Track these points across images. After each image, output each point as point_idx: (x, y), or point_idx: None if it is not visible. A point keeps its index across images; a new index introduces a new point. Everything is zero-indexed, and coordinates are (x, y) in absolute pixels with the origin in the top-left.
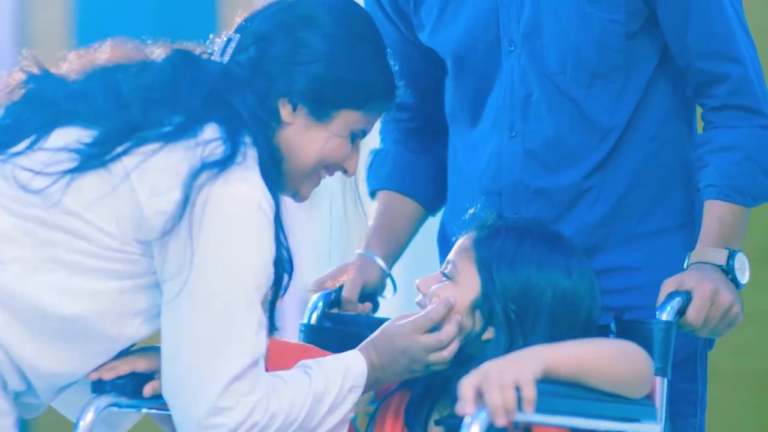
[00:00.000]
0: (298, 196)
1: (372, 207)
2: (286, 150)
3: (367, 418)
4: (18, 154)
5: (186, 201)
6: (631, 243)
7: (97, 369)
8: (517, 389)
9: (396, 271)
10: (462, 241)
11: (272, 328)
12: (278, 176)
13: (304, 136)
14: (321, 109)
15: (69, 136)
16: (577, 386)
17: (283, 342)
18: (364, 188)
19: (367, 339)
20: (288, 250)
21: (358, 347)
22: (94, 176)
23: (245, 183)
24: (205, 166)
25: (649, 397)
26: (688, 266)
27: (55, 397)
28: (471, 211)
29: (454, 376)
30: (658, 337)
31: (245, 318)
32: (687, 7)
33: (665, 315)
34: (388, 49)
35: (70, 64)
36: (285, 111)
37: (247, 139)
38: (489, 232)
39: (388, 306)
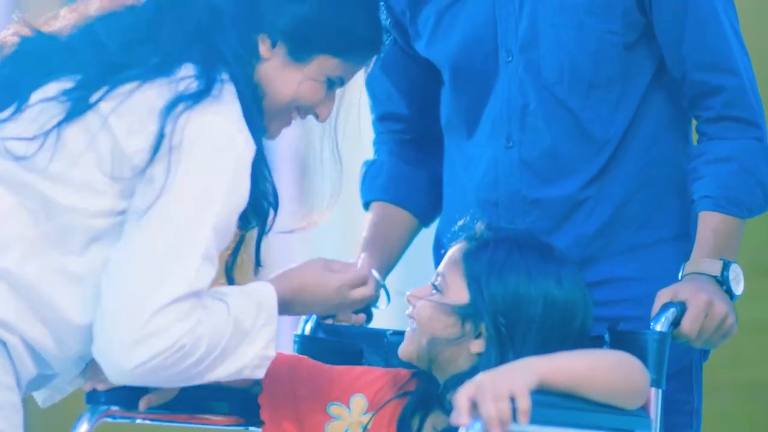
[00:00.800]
0: (267, 134)
1: (366, 218)
2: (260, 86)
3: (361, 429)
4: (5, 120)
5: (162, 133)
6: (626, 254)
7: (92, 379)
8: (512, 400)
9: (390, 281)
10: (451, 253)
11: (257, 263)
12: (259, 112)
13: (279, 74)
14: (300, 49)
15: (52, 90)
16: (571, 397)
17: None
18: (341, 135)
19: (283, 272)
20: (272, 185)
21: (271, 279)
22: (76, 128)
23: (219, 116)
24: (179, 99)
25: (644, 408)
26: (682, 277)
27: (74, 374)
28: (461, 222)
29: (445, 388)
30: (653, 348)
31: (196, 248)
32: (683, 19)
33: (660, 326)
34: (381, 3)
35: (63, 20)
36: (264, 46)
37: (225, 76)
38: (478, 243)
39: (381, 316)
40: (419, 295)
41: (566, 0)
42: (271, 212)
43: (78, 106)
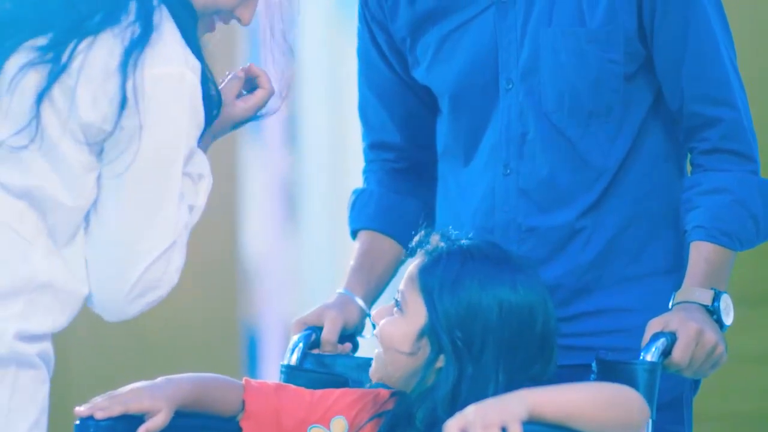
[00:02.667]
0: None
1: (353, 246)
2: None
3: None
4: None
5: (123, 96)
6: (620, 285)
7: (89, 406)
8: (503, 430)
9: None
10: (410, 269)
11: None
12: (194, 24)
13: None
14: None
15: (24, 56)
16: (563, 428)
17: (257, 383)
18: (294, 39)
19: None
20: (215, 84)
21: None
22: (49, 111)
23: (167, 61)
24: (128, 52)
25: None
26: (673, 306)
27: None
28: (416, 238)
29: (413, 406)
30: (643, 378)
31: (173, 193)
32: (683, 50)
33: (650, 356)
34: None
35: None
36: None
37: (155, 1)
38: (432, 257)
39: (368, 345)
40: (382, 314)
41: (568, 28)
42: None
43: (53, 71)
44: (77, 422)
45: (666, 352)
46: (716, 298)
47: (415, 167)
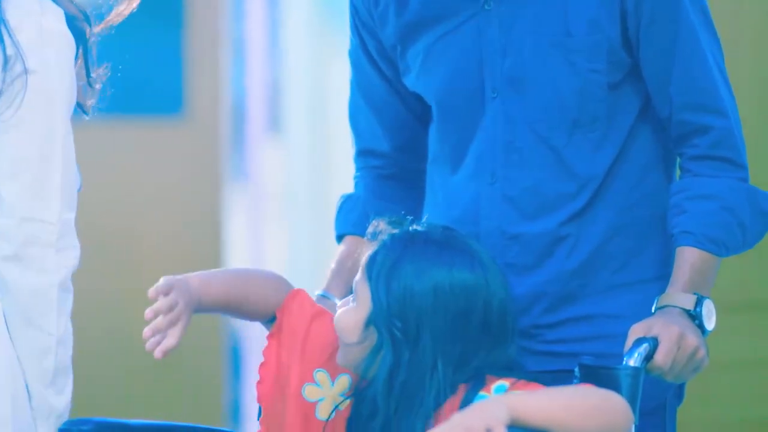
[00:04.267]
0: None
1: (336, 251)
2: None
3: (333, 407)
4: None
5: (4, 52)
6: (607, 293)
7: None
8: None
9: None
10: (362, 258)
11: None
12: None
13: None
14: None
15: None
16: None
17: (298, 303)
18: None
19: None
20: (83, 13)
21: None
22: None
23: (42, 14)
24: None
25: None
26: (656, 310)
27: None
28: (371, 227)
29: (360, 397)
30: (626, 384)
31: (57, 156)
32: (670, 60)
33: (633, 361)
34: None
35: None
36: None
37: None
38: (378, 245)
39: None
40: (341, 304)
41: (551, 39)
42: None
43: None
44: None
45: (648, 357)
46: (699, 303)
47: (403, 175)
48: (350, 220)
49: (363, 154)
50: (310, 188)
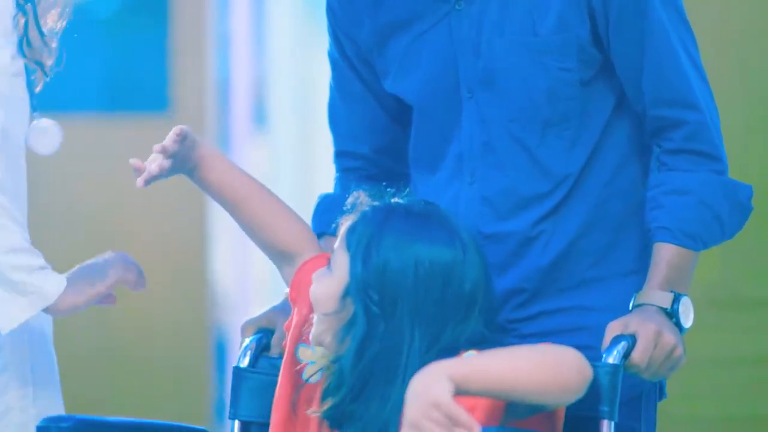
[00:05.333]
0: None
1: None
2: None
3: (319, 373)
4: None
5: None
6: (582, 287)
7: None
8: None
9: None
10: (341, 228)
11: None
12: None
13: None
14: None
15: None
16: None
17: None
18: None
19: None
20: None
21: None
22: None
23: None
24: None
25: None
26: (633, 308)
27: None
28: (353, 195)
29: (333, 369)
30: (605, 381)
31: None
32: (640, 56)
33: (612, 358)
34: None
35: None
36: None
37: None
38: (358, 216)
39: None
40: (318, 274)
41: (521, 38)
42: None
43: None
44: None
45: (627, 355)
46: (676, 300)
47: (383, 177)
48: (326, 220)
49: (342, 155)
50: (295, 183)
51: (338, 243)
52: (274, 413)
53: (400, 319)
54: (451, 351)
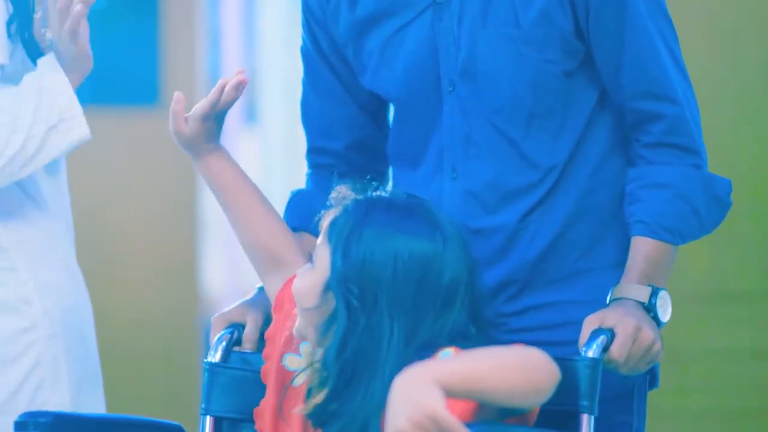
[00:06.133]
0: None
1: None
2: None
3: (304, 376)
4: None
5: None
6: (570, 279)
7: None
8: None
9: None
10: (324, 223)
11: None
12: None
13: None
14: None
15: None
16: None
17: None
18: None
19: None
20: None
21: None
22: None
23: None
24: None
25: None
26: (610, 301)
27: None
28: (336, 190)
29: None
30: (585, 375)
31: None
32: (620, 49)
33: (591, 352)
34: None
35: None
36: None
37: None
38: (340, 209)
39: None
40: (302, 270)
41: (503, 30)
42: None
43: None
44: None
45: (605, 349)
46: (654, 294)
47: (355, 174)
48: (296, 216)
49: (315, 152)
50: (285, 177)
51: (321, 238)
52: (262, 419)
53: (380, 313)
54: (430, 347)
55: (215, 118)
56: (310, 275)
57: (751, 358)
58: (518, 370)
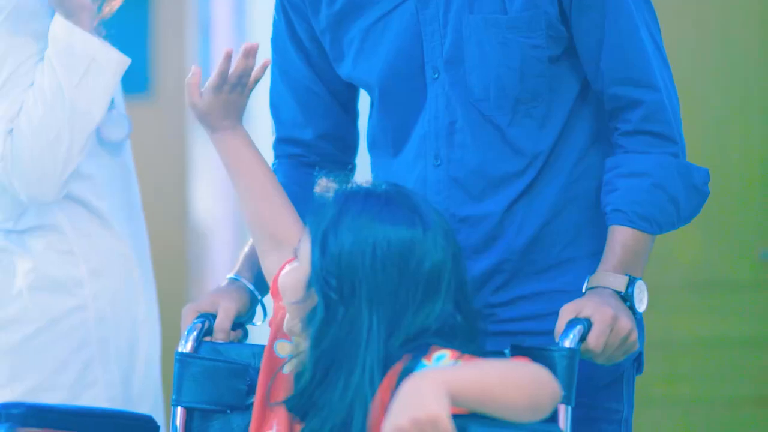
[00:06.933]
0: None
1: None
2: None
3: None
4: None
5: None
6: (557, 268)
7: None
8: None
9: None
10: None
11: None
12: None
13: None
14: None
15: None
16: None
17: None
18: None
19: None
20: None
21: None
22: None
23: None
24: None
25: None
26: (587, 290)
27: None
28: (319, 183)
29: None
30: (562, 365)
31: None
32: (600, 34)
33: (568, 342)
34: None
35: None
36: None
37: None
38: (321, 203)
39: (258, 333)
40: (289, 265)
41: (489, 16)
42: None
43: None
44: None
45: (582, 338)
46: (630, 284)
47: (323, 163)
48: None
49: (283, 142)
50: None
51: (304, 231)
52: (254, 407)
53: (358, 305)
54: (418, 340)
55: (232, 91)
56: (294, 271)
57: (741, 347)
58: (525, 388)
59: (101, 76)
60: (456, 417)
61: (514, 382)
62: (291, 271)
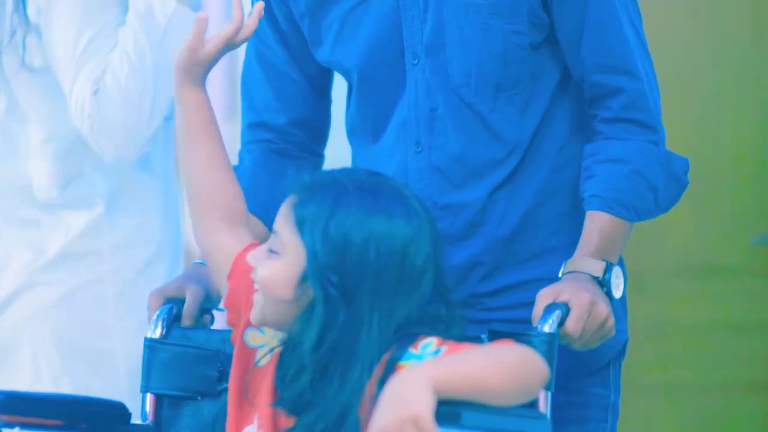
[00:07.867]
0: None
1: None
2: None
3: (269, 351)
4: None
5: None
6: (541, 257)
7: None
8: None
9: None
10: (283, 208)
11: None
12: None
13: None
14: None
15: None
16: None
17: (244, 263)
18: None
19: None
20: None
21: None
22: None
23: None
24: None
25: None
26: (563, 275)
27: None
28: (292, 177)
29: (290, 352)
30: (541, 351)
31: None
32: (581, 20)
33: (547, 327)
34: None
35: None
36: None
37: None
38: (306, 192)
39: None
40: (258, 257)
41: (470, 2)
42: None
43: None
44: None
45: (560, 323)
46: (608, 269)
47: (293, 152)
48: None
49: (254, 126)
50: None
51: (285, 223)
52: (228, 401)
53: (360, 303)
54: (404, 330)
55: (230, 49)
56: (282, 267)
57: (734, 332)
58: (514, 372)
59: (180, 36)
60: (448, 404)
61: (503, 366)
62: (272, 264)
